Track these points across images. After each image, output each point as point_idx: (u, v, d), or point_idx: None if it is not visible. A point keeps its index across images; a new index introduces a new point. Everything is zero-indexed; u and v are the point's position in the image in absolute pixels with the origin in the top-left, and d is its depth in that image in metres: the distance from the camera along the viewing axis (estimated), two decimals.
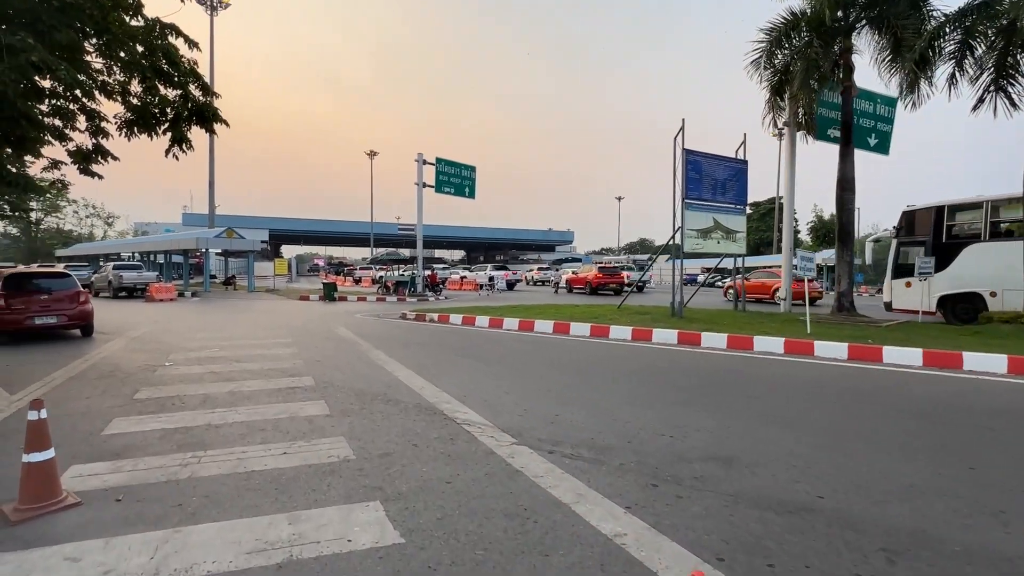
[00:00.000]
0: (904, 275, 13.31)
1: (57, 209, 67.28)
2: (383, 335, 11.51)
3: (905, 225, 13.66)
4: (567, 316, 13.00)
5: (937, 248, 12.73)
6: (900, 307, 13.27)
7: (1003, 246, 11.77)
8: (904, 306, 13.31)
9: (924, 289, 12.47)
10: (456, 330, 12.35)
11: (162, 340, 10.59)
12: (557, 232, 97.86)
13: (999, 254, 11.79)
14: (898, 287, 13.40)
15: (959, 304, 12.36)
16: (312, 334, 11.59)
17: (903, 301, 13.31)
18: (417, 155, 24.72)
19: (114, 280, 24.48)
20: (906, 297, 13.22)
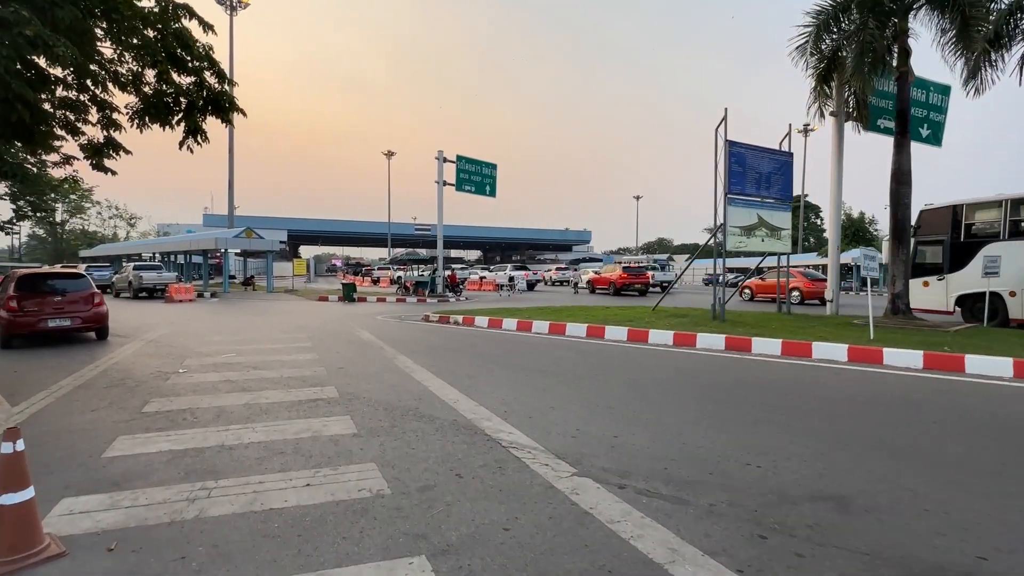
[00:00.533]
0: (922, 274, 13.16)
1: (82, 211, 68.44)
2: (407, 339, 10.92)
3: (923, 224, 13.43)
4: (600, 319, 12.28)
5: (955, 247, 12.62)
6: (917, 307, 13.05)
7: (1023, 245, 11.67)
8: (922, 306, 13.09)
9: (942, 289, 12.34)
10: (483, 334, 11.71)
11: (178, 344, 10.13)
12: (574, 232, 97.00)
13: (1019, 253, 11.65)
14: (915, 286, 13.14)
15: (978, 304, 12.05)
16: (333, 337, 11.05)
17: (920, 301, 13.13)
18: (437, 152, 24.18)
19: (134, 281, 24.36)
20: (924, 297, 13.10)
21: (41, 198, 20.59)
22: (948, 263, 12.88)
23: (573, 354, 9.01)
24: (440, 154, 24.19)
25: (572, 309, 15.67)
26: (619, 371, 7.67)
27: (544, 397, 6.03)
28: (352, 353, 9.11)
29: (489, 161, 26.10)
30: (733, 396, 6.17)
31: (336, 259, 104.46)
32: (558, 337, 11.04)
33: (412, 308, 19.54)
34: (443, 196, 24.58)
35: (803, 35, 12.50)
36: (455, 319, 13.63)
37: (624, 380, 7.04)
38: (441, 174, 24.31)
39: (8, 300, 9.60)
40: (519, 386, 6.65)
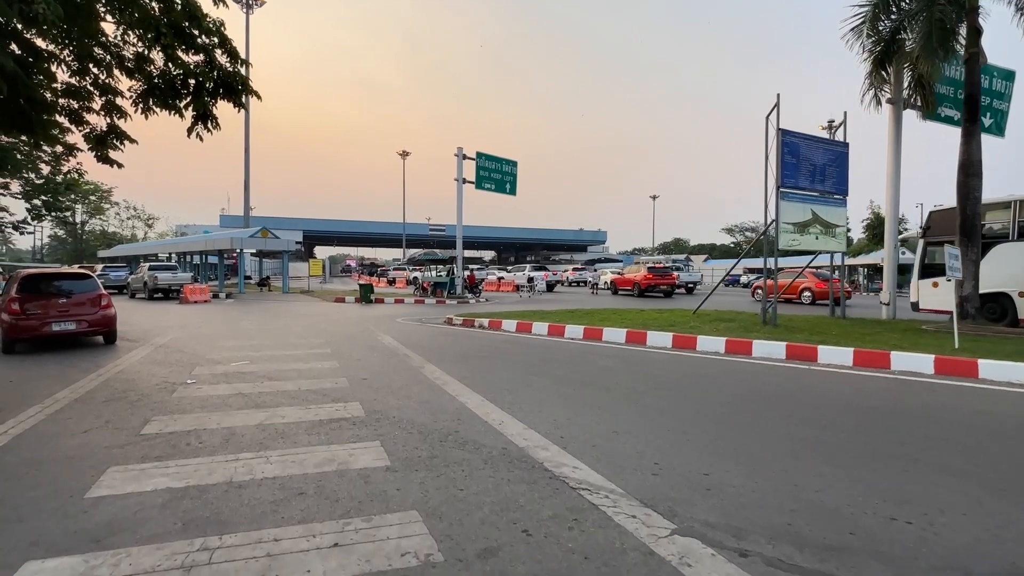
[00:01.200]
0: (931, 275, 13.16)
1: (101, 211, 69.11)
2: (432, 344, 10.16)
3: (932, 225, 13.42)
4: (638, 323, 11.42)
5: None
6: (927, 307, 13.20)
7: None
8: (931, 306, 13.16)
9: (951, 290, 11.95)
10: (513, 339, 10.91)
11: (189, 349, 9.47)
12: (590, 232, 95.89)
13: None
14: (925, 287, 13.27)
15: (987, 304, 11.97)
16: (353, 342, 10.33)
17: (930, 301, 13.19)
18: (457, 150, 23.46)
19: (149, 281, 23.98)
20: (933, 297, 13.09)
21: (56, 197, 20.15)
22: None
23: (619, 364, 8.16)
24: (460, 151, 23.46)
25: (604, 312, 14.79)
26: (679, 385, 6.80)
27: (602, 418, 5.20)
28: (375, 361, 8.36)
29: (509, 158, 25.33)
30: (823, 417, 5.28)
31: (350, 260, 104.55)
32: (595, 343, 10.20)
33: (432, 310, 18.81)
34: (463, 194, 23.85)
35: (858, 16, 11.52)
36: (480, 322, 12.85)
37: (688, 396, 6.18)
38: (460, 172, 23.58)
39: (10, 302, 9.01)
40: (569, 403, 5.83)
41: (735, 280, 49.01)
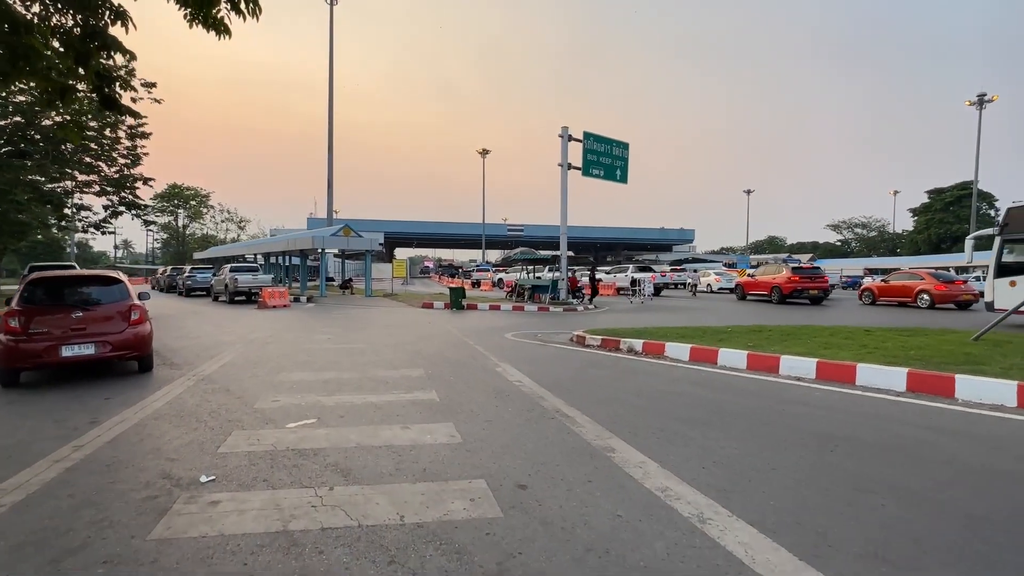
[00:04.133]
0: (1008, 274, 12.90)
1: (200, 215, 72.43)
2: (587, 387, 6.68)
3: (1011, 222, 13.04)
4: (899, 355, 7.32)
5: None
6: (1003, 307, 12.40)
7: None
8: (1009, 306, 11.94)
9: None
10: (706, 379, 7.18)
11: (238, 386, 6.56)
12: (675, 230, 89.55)
13: None
14: (1001, 286, 12.94)
15: None
16: (466, 378, 7.05)
17: (1007, 301, 12.45)
18: (561, 129, 19.99)
19: (230, 284, 22.45)
20: (1010, 297, 12.48)
21: (133, 193, 18.80)
22: None
23: (948, 444, 4.24)
24: (564, 131, 19.96)
25: (800, 330, 10.53)
26: None
27: None
28: (511, 419, 5.01)
29: (620, 140, 21.50)
30: None
31: (428, 261, 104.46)
32: (851, 391, 6.26)
33: (539, 320, 15.40)
34: (567, 182, 20.32)
35: None
36: (629, 344, 9.20)
37: None
38: (565, 155, 20.07)
39: (8, 317, 6.51)
40: None
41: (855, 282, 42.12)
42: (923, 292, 19.87)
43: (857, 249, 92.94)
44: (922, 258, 54.85)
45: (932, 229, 62.33)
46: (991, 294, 13.19)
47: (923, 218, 65.69)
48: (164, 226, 72.47)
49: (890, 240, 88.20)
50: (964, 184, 60.40)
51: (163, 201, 69.84)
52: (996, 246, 13.29)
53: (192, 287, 28.50)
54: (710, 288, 32.86)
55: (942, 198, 63.18)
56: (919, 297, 19.97)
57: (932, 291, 19.58)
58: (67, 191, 19.25)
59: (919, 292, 20.03)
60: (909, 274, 22.12)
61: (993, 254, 13.34)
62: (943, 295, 19.42)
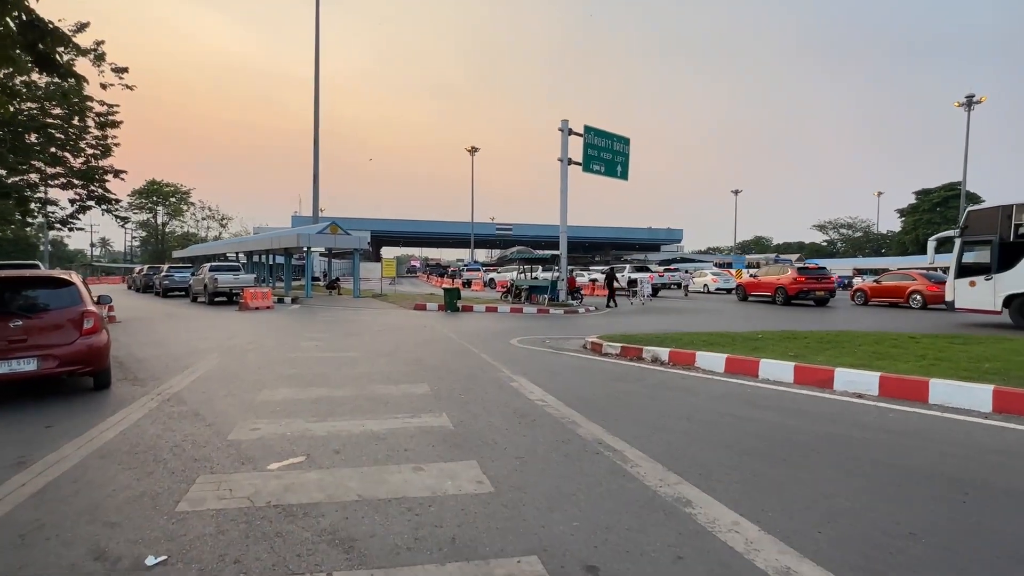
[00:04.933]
0: (968, 274, 13.42)
1: (180, 212, 70.32)
2: (616, 403, 5.78)
3: (970, 225, 13.65)
4: (970, 368, 6.51)
5: (1003, 248, 12.80)
6: (963, 306, 13.55)
7: None
8: (968, 305, 13.45)
9: (990, 288, 12.72)
10: (755, 396, 6.30)
11: (211, 409, 5.53)
12: (664, 230, 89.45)
13: None
14: (962, 286, 13.53)
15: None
16: (476, 394, 6.10)
17: (966, 301, 13.43)
18: (561, 123, 19.08)
19: (209, 284, 21.17)
20: (970, 296, 13.32)
21: (103, 186, 17.48)
22: (996, 263, 12.87)
23: None
24: (564, 124, 19.06)
25: (839, 337, 9.66)
26: None
27: None
28: (546, 454, 4.10)
29: (621, 135, 20.66)
30: None
31: (414, 260, 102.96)
32: (929, 412, 5.42)
33: (542, 324, 14.47)
34: (568, 178, 19.40)
35: None
36: (653, 353, 8.30)
37: None
38: (566, 150, 19.17)
39: None
40: None
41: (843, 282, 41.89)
42: (915, 293, 19.73)
43: (843, 249, 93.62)
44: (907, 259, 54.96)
45: (919, 230, 62.63)
46: (952, 294, 13.83)
47: (910, 219, 66.08)
48: (142, 224, 70.25)
49: (875, 240, 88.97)
50: (951, 185, 60.82)
51: (141, 198, 67.69)
52: (957, 248, 13.80)
53: (170, 287, 27.09)
54: (707, 288, 32.24)
55: (930, 199, 63.58)
56: (911, 298, 19.87)
57: (924, 292, 19.44)
58: (31, 184, 17.87)
59: (911, 293, 19.93)
60: (901, 275, 21.93)
61: (954, 255, 13.85)
62: (936, 296, 19.08)
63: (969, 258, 13.60)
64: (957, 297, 13.61)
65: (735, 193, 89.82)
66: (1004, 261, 12.74)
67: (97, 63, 16.78)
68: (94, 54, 16.81)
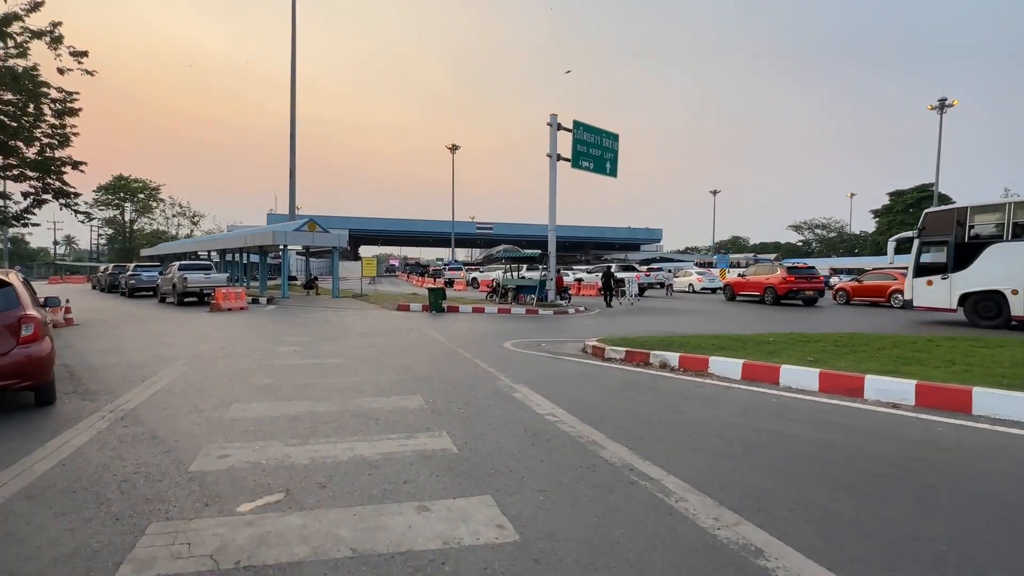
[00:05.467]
0: (926, 273, 13.87)
1: (149, 210, 67.82)
2: (634, 417, 5.20)
3: (927, 226, 14.07)
4: (1008, 374, 6.10)
5: (959, 248, 13.20)
6: (921, 305, 13.99)
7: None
8: (925, 304, 13.90)
9: (946, 287, 13.27)
10: (785, 408, 5.76)
11: (171, 430, 4.77)
12: (643, 230, 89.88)
13: (1022, 253, 12.22)
14: (919, 285, 13.98)
15: (981, 302, 12.78)
16: (477, 407, 5.46)
17: (924, 299, 13.89)
18: (550, 117, 18.51)
19: (178, 283, 20.04)
20: (927, 295, 13.78)
21: (61, 178, 16.28)
22: (952, 263, 13.30)
23: None
24: (553, 119, 18.49)
25: (854, 340, 9.18)
26: None
27: None
28: (572, 485, 3.48)
29: (611, 131, 20.18)
30: None
31: (393, 259, 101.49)
32: (978, 426, 4.96)
33: (533, 326, 13.86)
34: (556, 175, 18.82)
35: None
36: (661, 358, 7.74)
37: None
38: (555, 145, 18.60)
39: None
40: None
41: None
42: (897, 292, 19.77)
43: (818, 249, 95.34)
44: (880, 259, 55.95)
45: (893, 230, 63.81)
46: (910, 292, 14.37)
47: (884, 219, 67.37)
48: (109, 221, 67.54)
49: (849, 240, 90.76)
50: (924, 187, 62.19)
51: (108, 194, 65.04)
52: (915, 248, 14.27)
53: (136, 287, 25.72)
54: (692, 288, 32.06)
55: (903, 200, 64.88)
56: (892, 297, 20.06)
57: None
58: None
59: (892, 292, 20.08)
60: (882, 274, 22.12)
61: (912, 256, 14.30)
62: None
63: (926, 258, 14.02)
64: (915, 296, 14.11)
65: (713, 193, 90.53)
66: (959, 261, 13.20)
67: (54, 46, 15.62)
68: (50, 36, 15.66)
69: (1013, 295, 12.26)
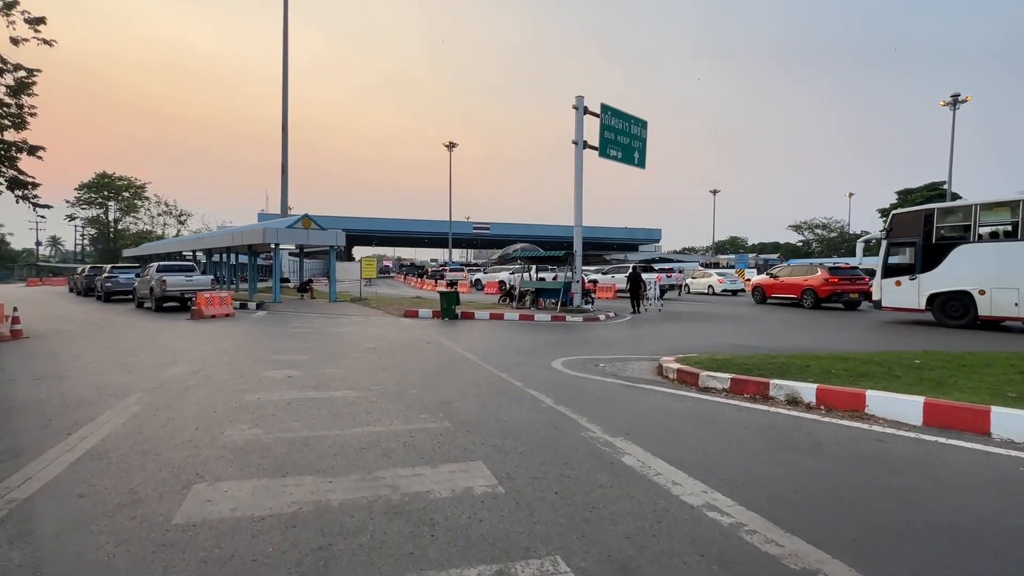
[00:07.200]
0: (894, 274, 14.02)
1: (134, 209, 65.12)
2: (836, 505, 3.22)
3: (895, 227, 14.20)
4: None
5: (927, 249, 13.35)
6: (890, 305, 14.12)
7: (993, 247, 12.43)
8: (894, 304, 14.04)
9: (914, 288, 13.42)
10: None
11: (91, 541, 2.67)
12: (643, 230, 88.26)
13: (988, 254, 12.44)
14: (888, 286, 14.12)
15: (949, 302, 12.94)
16: (579, 484, 3.43)
17: (893, 300, 14.03)
18: (576, 100, 16.51)
19: (156, 287, 17.84)
20: (896, 296, 13.92)
21: (15, 166, 14.06)
22: (920, 264, 13.43)
23: None
24: (580, 101, 16.49)
25: (993, 359, 7.30)
26: None
27: None
28: None
29: (639, 117, 18.21)
30: None
31: (387, 260, 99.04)
32: None
33: (567, 335, 11.84)
34: (582, 164, 16.81)
35: None
36: (789, 391, 5.73)
37: None
38: (581, 131, 16.61)
39: None
40: None
41: None
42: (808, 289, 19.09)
43: (818, 250, 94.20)
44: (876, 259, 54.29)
45: None
46: (879, 293, 14.39)
47: None
48: (92, 220, 64.74)
49: (851, 241, 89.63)
50: (934, 184, 60.84)
51: (90, 192, 62.30)
52: (883, 249, 14.30)
53: (113, 291, 23.46)
54: (711, 290, 30.19)
55: (912, 199, 63.50)
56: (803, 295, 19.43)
57: None
58: None
59: (804, 290, 19.34)
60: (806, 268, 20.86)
61: (880, 256, 14.34)
62: None
63: (894, 259, 14.09)
64: (884, 296, 14.19)
65: (713, 193, 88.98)
66: (927, 262, 13.30)
67: (5, 12, 13.41)
68: (3, 2, 13.46)
69: (980, 295, 12.33)
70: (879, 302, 14.45)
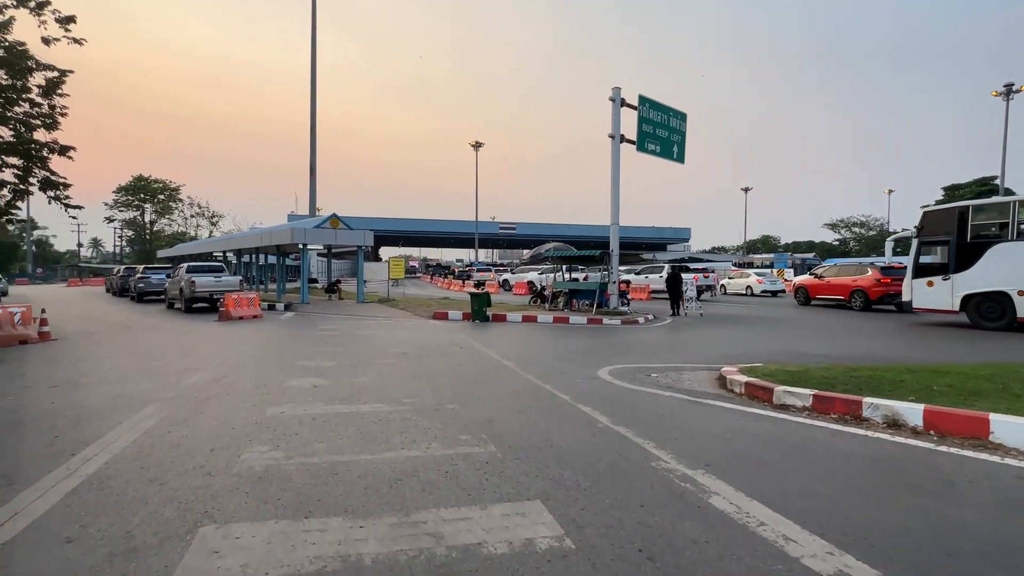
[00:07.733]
0: (926, 274, 13.47)
1: (169, 211, 66.68)
2: None
3: (926, 225, 13.61)
4: None
5: (960, 248, 12.80)
6: (921, 306, 13.59)
7: None
8: (926, 305, 13.48)
9: (947, 288, 12.83)
10: None
11: None
12: (671, 229, 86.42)
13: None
14: (919, 286, 13.56)
15: (985, 303, 12.41)
16: (660, 534, 2.72)
17: (924, 300, 13.46)
18: (613, 91, 15.76)
19: (185, 288, 17.74)
20: (928, 296, 13.35)
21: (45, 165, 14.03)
22: (954, 263, 12.89)
23: None
24: (616, 93, 15.73)
25: None
26: None
27: None
28: None
29: (678, 109, 17.31)
30: None
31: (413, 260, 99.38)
32: None
33: (608, 340, 11.10)
34: (619, 159, 16.02)
35: None
36: (888, 412, 4.92)
37: None
38: (618, 125, 15.84)
39: None
40: None
41: None
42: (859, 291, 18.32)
43: (856, 248, 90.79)
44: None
45: None
46: (909, 293, 13.88)
47: None
48: (129, 222, 66.52)
49: None
50: (984, 180, 57.82)
51: (128, 195, 63.98)
52: (914, 249, 13.82)
53: (145, 291, 23.62)
54: (750, 291, 28.96)
55: (960, 194, 60.42)
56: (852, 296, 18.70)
57: None
58: None
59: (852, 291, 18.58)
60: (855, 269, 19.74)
61: (911, 256, 13.89)
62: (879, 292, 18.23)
63: (926, 259, 13.67)
64: (915, 297, 13.71)
65: (745, 191, 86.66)
66: (961, 261, 12.78)
67: (37, 12, 13.36)
68: (35, 1, 13.40)
69: (1020, 296, 11.87)
70: (910, 303, 13.97)
